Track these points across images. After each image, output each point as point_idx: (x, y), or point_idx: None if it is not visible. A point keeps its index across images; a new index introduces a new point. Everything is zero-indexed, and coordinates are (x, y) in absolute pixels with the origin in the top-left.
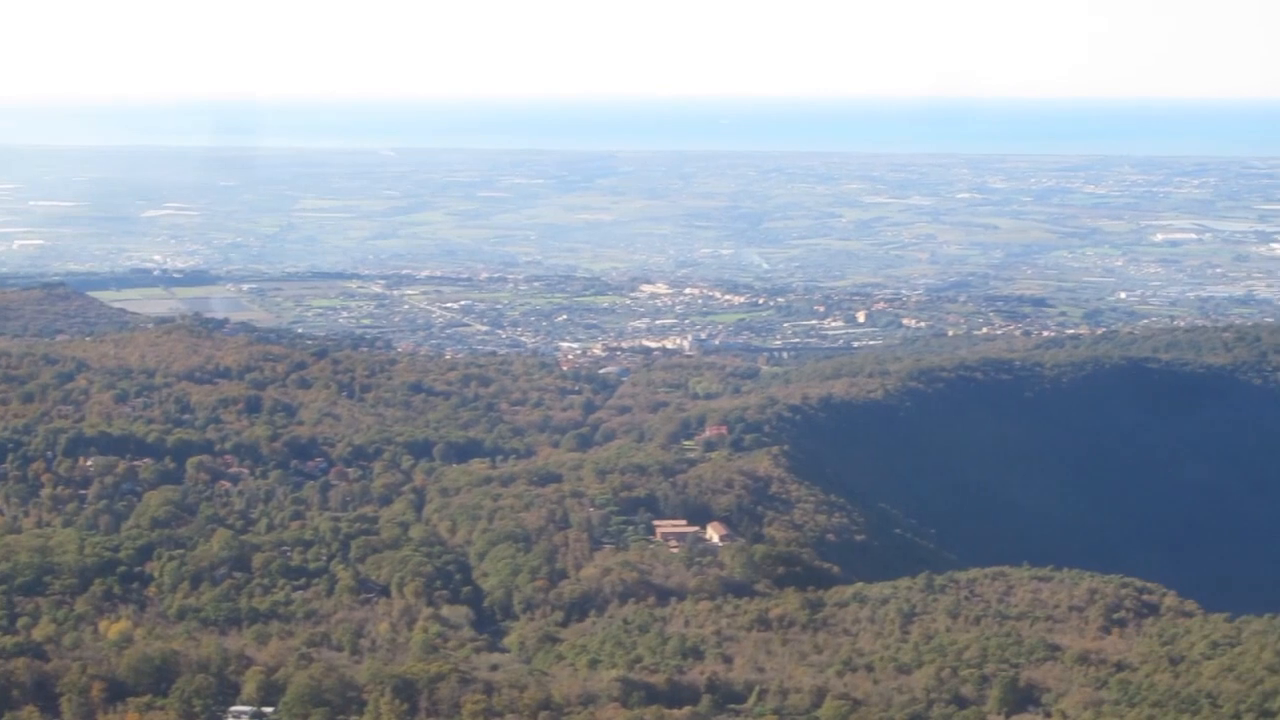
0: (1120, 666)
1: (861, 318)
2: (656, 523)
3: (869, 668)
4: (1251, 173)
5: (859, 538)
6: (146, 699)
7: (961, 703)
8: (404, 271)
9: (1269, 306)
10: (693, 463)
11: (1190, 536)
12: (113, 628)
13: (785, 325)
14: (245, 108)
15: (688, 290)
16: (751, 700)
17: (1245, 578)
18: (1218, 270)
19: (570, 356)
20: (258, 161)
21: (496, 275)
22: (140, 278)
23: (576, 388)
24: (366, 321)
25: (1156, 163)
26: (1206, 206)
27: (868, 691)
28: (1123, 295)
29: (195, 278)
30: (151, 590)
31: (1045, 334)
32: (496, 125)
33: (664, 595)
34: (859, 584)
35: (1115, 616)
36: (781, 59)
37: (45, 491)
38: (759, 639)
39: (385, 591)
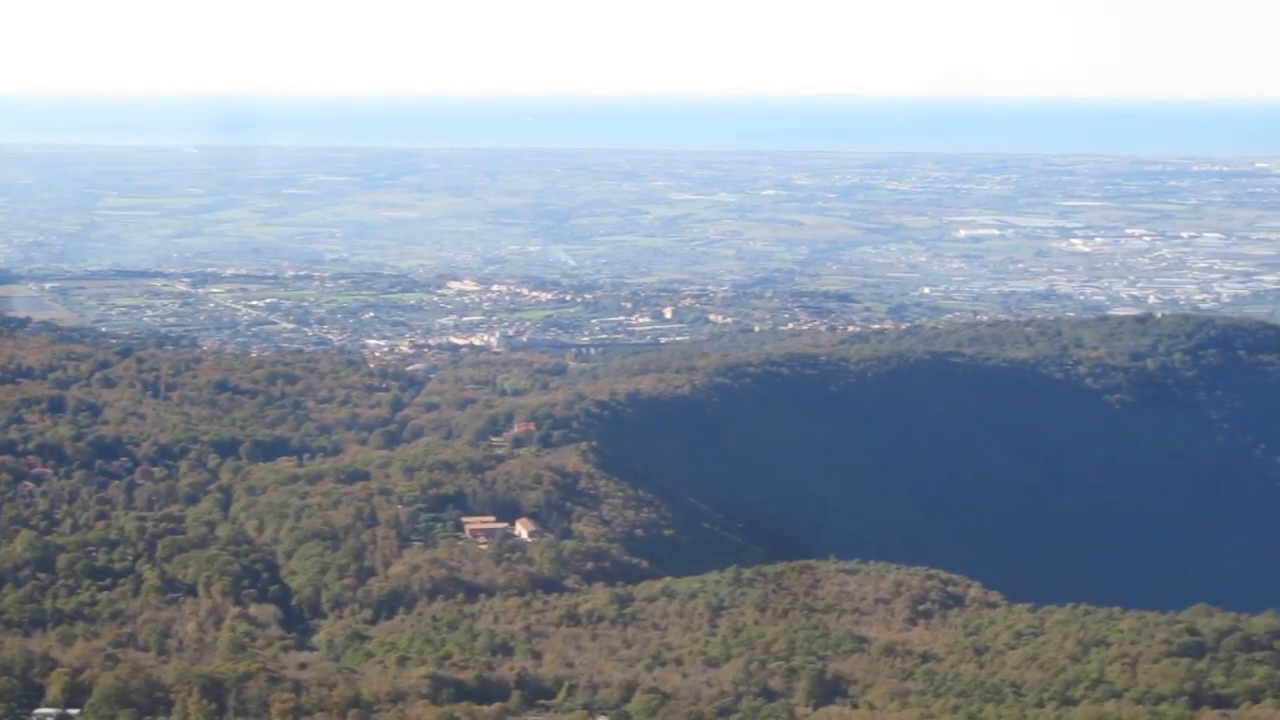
0: (926, 657)
1: (669, 314)
2: (465, 519)
3: (678, 661)
4: (1051, 169)
5: (667, 533)
6: None
7: (770, 695)
8: (209, 269)
9: (1070, 301)
10: (501, 459)
11: (994, 528)
12: None
13: (593, 321)
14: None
15: (495, 287)
16: (561, 695)
17: (1048, 568)
18: (1020, 265)
19: (377, 354)
20: (63, 159)
21: (303, 273)
22: None
23: (384, 385)
24: (171, 320)
25: (959, 159)
26: (1008, 203)
27: (677, 685)
28: (926, 290)
29: None
30: None
31: (850, 329)
32: (298, 122)
33: (473, 592)
34: (668, 578)
35: (921, 608)
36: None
37: None
38: (568, 634)
39: (192, 591)
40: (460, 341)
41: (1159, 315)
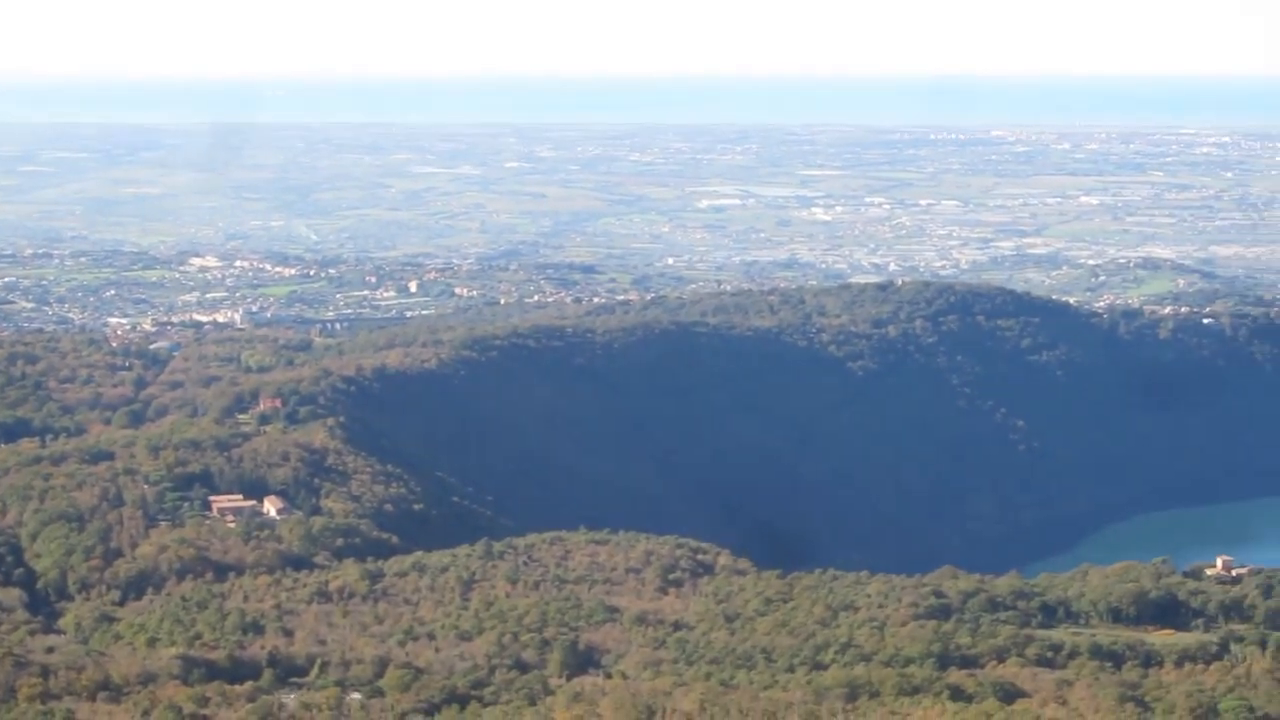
0: (678, 626)
1: (414, 287)
2: (212, 498)
3: (430, 636)
4: (793, 139)
5: (417, 507)
6: None
7: (523, 667)
8: None
9: (812, 269)
10: (247, 436)
11: (742, 495)
12: None
13: (337, 296)
14: None
15: (238, 263)
16: (314, 673)
17: (795, 535)
18: (762, 235)
19: (120, 332)
20: None
21: (41, 251)
22: None
23: (127, 364)
24: None
25: (700, 130)
26: (750, 173)
27: (430, 660)
28: (670, 261)
29: None
30: None
31: (596, 300)
32: (31, 98)
33: (222, 571)
34: (418, 553)
35: (671, 577)
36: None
37: None
38: (319, 611)
39: None
40: (203, 318)
41: (899, 282)
